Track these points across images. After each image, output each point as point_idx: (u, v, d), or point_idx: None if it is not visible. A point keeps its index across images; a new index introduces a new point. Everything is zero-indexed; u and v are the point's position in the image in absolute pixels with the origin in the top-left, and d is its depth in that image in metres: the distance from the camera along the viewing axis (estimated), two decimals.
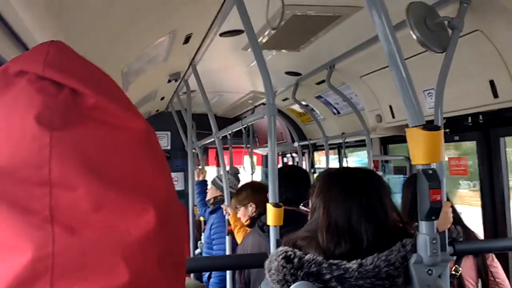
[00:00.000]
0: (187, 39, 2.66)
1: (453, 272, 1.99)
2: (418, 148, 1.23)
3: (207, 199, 3.98)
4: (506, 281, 2.06)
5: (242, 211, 2.86)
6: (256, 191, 2.83)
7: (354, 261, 1.12)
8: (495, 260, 2.09)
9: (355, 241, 1.16)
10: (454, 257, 2.00)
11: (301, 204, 1.97)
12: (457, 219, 2.14)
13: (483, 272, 2.04)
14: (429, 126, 1.24)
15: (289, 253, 1.16)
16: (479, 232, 2.41)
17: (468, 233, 2.10)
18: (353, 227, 1.17)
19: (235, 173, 4.21)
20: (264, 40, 2.71)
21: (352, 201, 1.20)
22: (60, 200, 0.37)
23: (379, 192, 1.21)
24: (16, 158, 0.37)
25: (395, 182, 3.92)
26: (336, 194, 1.23)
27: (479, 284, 2.06)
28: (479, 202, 2.70)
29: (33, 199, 0.36)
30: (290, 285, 1.12)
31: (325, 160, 4.23)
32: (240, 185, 3.47)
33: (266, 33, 2.58)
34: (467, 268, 2.03)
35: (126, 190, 0.39)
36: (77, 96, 0.41)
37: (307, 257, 1.15)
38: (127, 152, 0.41)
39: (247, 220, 2.83)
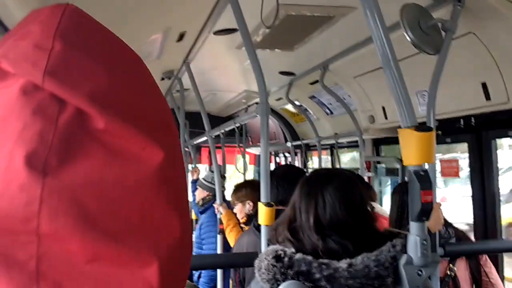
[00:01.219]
0: (181, 37, 2.64)
1: (448, 273, 2.00)
2: (410, 149, 1.23)
3: (196, 201, 3.97)
4: (499, 281, 2.07)
5: (239, 208, 2.85)
6: (254, 190, 2.82)
7: (344, 261, 1.12)
8: (488, 260, 2.10)
9: (299, 239, 1.21)
10: (448, 258, 2.01)
11: None
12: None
13: (476, 273, 2.05)
14: (421, 127, 1.24)
15: (279, 252, 1.16)
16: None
17: (458, 234, 2.11)
18: (302, 225, 1.23)
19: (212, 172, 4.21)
20: (258, 39, 2.71)
21: (310, 201, 1.24)
22: (48, 250, 0.31)
23: (337, 196, 1.23)
24: None
25: (386, 184, 3.94)
26: (299, 193, 1.29)
27: (473, 285, 2.07)
28: None
29: (17, 248, 0.31)
30: (279, 284, 1.12)
31: (317, 161, 4.24)
32: (225, 183, 3.47)
33: (260, 32, 2.58)
34: (461, 269, 2.04)
35: (128, 240, 0.33)
36: (83, 116, 0.33)
37: (297, 256, 1.15)
38: (136, 195, 0.33)
39: (243, 217, 2.83)
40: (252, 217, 2.58)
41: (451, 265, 2.01)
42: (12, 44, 0.35)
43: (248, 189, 2.87)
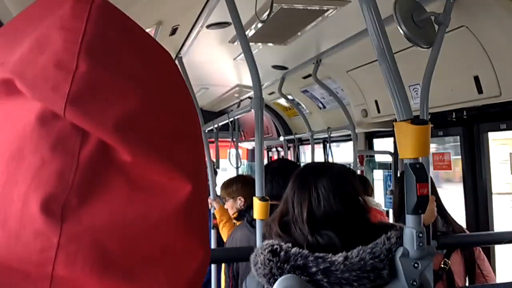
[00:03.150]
0: (173, 31, 2.63)
1: (442, 266, 2.02)
2: (406, 142, 1.23)
3: None
4: (492, 274, 2.10)
5: (230, 204, 2.85)
6: (246, 185, 2.82)
7: (340, 254, 1.12)
8: (482, 253, 2.12)
9: (290, 234, 1.21)
10: (442, 252, 2.02)
11: None
12: (442, 213, 2.17)
13: (470, 266, 2.07)
14: (417, 120, 1.24)
15: (275, 246, 1.16)
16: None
17: (454, 226, 2.13)
18: (295, 219, 1.23)
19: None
20: (250, 33, 2.70)
21: (303, 194, 1.24)
22: None
23: (331, 188, 1.23)
24: (11, 251, 0.28)
25: (379, 177, 3.96)
26: (291, 186, 1.29)
27: (467, 278, 2.09)
28: None
29: (29, 285, 0.28)
30: (276, 279, 1.12)
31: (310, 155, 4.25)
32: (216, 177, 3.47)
33: (253, 26, 2.57)
34: (456, 262, 2.06)
35: (147, 277, 0.30)
36: (107, 148, 0.29)
37: (293, 250, 1.15)
38: (159, 231, 0.31)
39: (234, 213, 2.83)
40: (243, 212, 2.58)
41: (445, 259, 2.02)
42: (28, 57, 0.30)
43: (239, 184, 2.87)
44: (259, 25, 2.47)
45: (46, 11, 0.32)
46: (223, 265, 2.53)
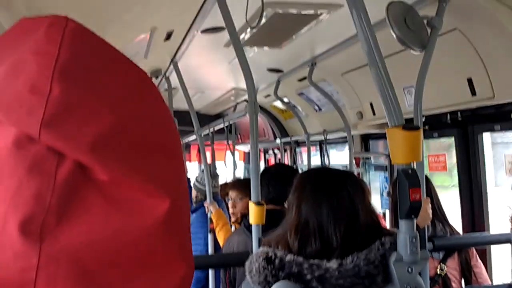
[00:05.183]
0: (168, 36, 2.63)
1: (439, 271, 2.02)
2: (398, 148, 1.24)
3: None
4: (488, 281, 2.11)
5: (246, 203, 2.80)
6: None
7: (334, 261, 1.13)
8: (479, 261, 2.13)
9: (324, 241, 1.18)
10: (440, 256, 2.03)
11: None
12: (441, 216, 2.18)
13: (466, 272, 2.08)
14: (409, 126, 1.25)
15: (270, 254, 1.16)
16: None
17: (453, 232, 2.14)
18: (323, 227, 1.18)
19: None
20: (246, 37, 2.70)
21: (323, 201, 1.21)
22: None
23: (351, 194, 1.22)
24: None
25: (375, 180, 3.96)
26: (308, 193, 1.24)
27: (463, 283, 2.10)
28: None
29: None
30: (271, 286, 1.12)
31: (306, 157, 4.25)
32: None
33: (248, 30, 2.57)
34: (452, 267, 2.06)
35: None
36: (83, 169, 0.30)
37: (288, 257, 1.15)
38: (138, 247, 0.31)
39: (240, 217, 2.77)
40: (244, 217, 2.56)
41: (441, 264, 2.03)
42: (3, 83, 0.30)
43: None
44: (253, 30, 2.48)
45: (22, 37, 0.32)
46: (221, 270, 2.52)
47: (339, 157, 4.78)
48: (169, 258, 0.33)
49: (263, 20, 2.09)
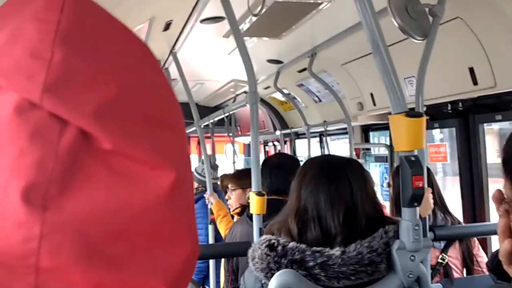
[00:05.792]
0: (167, 26, 2.61)
1: (440, 260, 2.02)
2: (401, 135, 1.23)
3: None
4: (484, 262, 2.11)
5: (239, 194, 2.80)
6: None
7: (337, 248, 1.12)
8: (481, 250, 2.13)
9: (323, 228, 1.18)
10: (441, 245, 2.03)
11: None
12: (443, 206, 2.17)
13: (468, 261, 2.08)
14: (412, 113, 1.24)
15: (273, 241, 1.16)
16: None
17: (454, 221, 2.14)
18: (321, 213, 1.18)
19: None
20: (245, 28, 2.68)
21: (322, 187, 1.21)
22: (48, 280, 0.28)
23: (351, 181, 1.21)
24: None
25: (376, 170, 3.96)
26: (308, 179, 1.24)
27: (464, 272, 2.10)
28: None
29: (14, 279, 0.28)
30: (274, 273, 1.12)
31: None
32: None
33: (247, 20, 2.55)
34: (453, 257, 2.07)
35: (134, 266, 0.30)
36: (87, 136, 0.29)
37: (290, 244, 1.15)
38: (144, 219, 0.30)
39: (237, 208, 2.78)
40: (246, 207, 2.56)
41: (443, 253, 2.03)
42: (3, 49, 0.30)
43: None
44: (253, 19, 2.46)
45: (20, 6, 0.32)
46: (222, 260, 2.53)
47: (339, 149, 4.77)
48: (175, 233, 0.32)
49: (264, 9, 2.07)
